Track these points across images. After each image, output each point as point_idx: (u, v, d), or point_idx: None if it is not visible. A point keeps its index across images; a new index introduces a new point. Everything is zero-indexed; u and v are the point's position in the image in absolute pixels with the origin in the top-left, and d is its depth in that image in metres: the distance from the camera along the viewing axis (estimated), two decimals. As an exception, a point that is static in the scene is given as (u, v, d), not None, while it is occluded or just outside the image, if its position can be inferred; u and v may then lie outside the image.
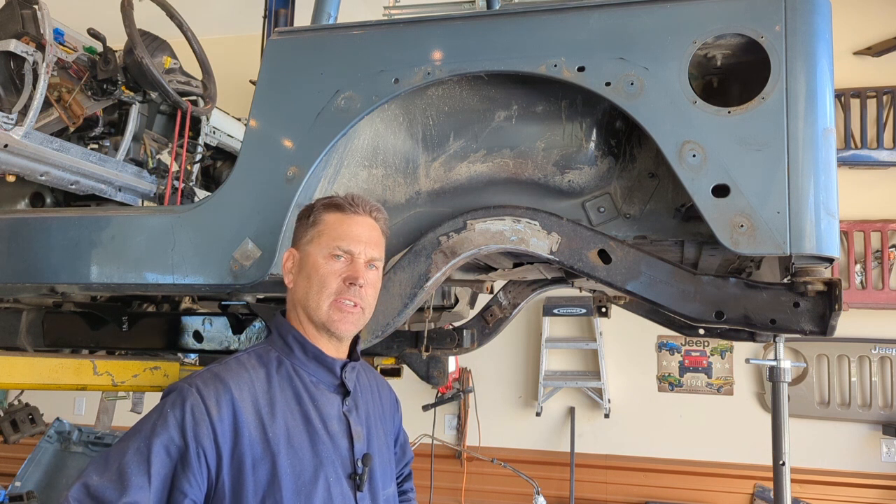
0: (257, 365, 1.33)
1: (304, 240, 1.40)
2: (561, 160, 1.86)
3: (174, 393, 1.23)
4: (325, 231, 1.38)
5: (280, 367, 1.34)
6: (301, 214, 1.45)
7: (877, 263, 4.60)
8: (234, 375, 1.27)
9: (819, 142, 1.50)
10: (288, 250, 1.43)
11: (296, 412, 1.30)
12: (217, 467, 1.19)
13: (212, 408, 1.20)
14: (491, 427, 5.15)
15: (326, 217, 1.40)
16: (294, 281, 1.40)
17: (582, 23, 1.64)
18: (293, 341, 1.37)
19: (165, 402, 1.23)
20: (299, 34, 1.89)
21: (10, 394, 3.70)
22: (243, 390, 1.25)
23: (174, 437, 1.17)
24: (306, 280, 1.37)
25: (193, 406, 1.20)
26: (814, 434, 4.63)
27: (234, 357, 1.34)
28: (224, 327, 2.45)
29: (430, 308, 2.37)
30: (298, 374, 1.35)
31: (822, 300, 1.58)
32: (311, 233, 1.39)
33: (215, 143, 2.90)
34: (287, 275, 1.41)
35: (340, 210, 1.40)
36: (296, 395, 1.32)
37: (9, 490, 3.64)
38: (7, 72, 2.07)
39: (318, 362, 1.37)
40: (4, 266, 2.02)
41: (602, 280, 1.70)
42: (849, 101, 4.67)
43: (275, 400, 1.29)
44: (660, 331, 4.21)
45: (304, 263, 1.38)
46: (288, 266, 1.41)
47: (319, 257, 1.36)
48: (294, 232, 1.45)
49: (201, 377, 1.26)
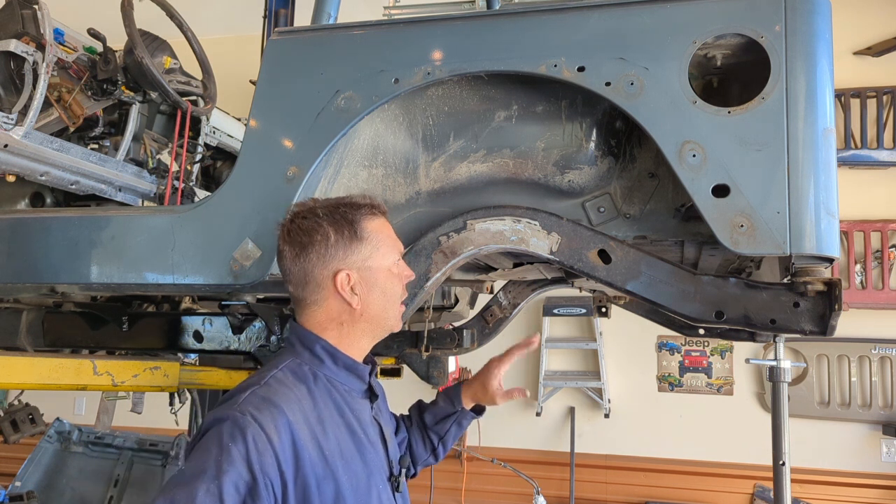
0: (296, 381, 1.27)
1: (360, 257, 1.34)
2: (561, 160, 1.86)
3: (228, 423, 1.14)
4: (381, 242, 1.37)
5: (316, 380, 1.30)
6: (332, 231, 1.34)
7: (877, 263, 4.60)
8: (282, 397, 1.21)
9: (819, 142, 1.50)
10: (341, 273, 1.33)
11: (341, 425, 1.28)
12: (283, 494, 1.14)
13: (272, 435, 1.14)
14: (491, 427, 5.15)
15: (371, 226, 1.37)
16: (365, 301, 1.34)
17: (582, 23, 1.64)
18: (322, 352, 1.33)
19: (222, 433, 1.13)
20: (299, 34, 1.89)
21: (10, 394, 3.70)
22: (295, 412, 1.20)
23: (242, 473, 1.10)
24: (381, 296, 1.36)
25: (255, 436, 1.12)
26: (814, 434, 4.63)
27: (269, 376, 1.26)
28: (224, 327, 2.45)
29: (430, 308, 2.37)
30: (334, 385, 1.32)
31: (822, 300, 1.58)
32: (364, 248, 1.34)
33: (215, 143, 2.90)
34: (352, 297, 1.34)
35: (377, 214, 1.39)
36: (337, 408, 1.30)
37: (9, 490, 3.65)
38: (7, 72, 2.07)
39: (348, 371, 1.35)
40: (4, 266, 2.02)
41: (602, 280, 1.70)
42: (849, 101, 4.68)
43: (322, 416, 1.25)
44: (660, 331, 4.21)
45: (373, 281, 1.35)
46: (348, 290, 1.33)
47: (391, 270, 1.37)
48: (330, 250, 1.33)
49: (251, 403, 1.18)
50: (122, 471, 3.98)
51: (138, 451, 4.03)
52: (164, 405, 3.18)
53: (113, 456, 4.05)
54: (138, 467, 4.01)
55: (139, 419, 4.17)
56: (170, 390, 2.79)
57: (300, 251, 1.34)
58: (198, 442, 1.16)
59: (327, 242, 1.33)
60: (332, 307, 1.35)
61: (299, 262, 1.34)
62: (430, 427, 1.71)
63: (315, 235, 1.33)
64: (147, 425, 4.63)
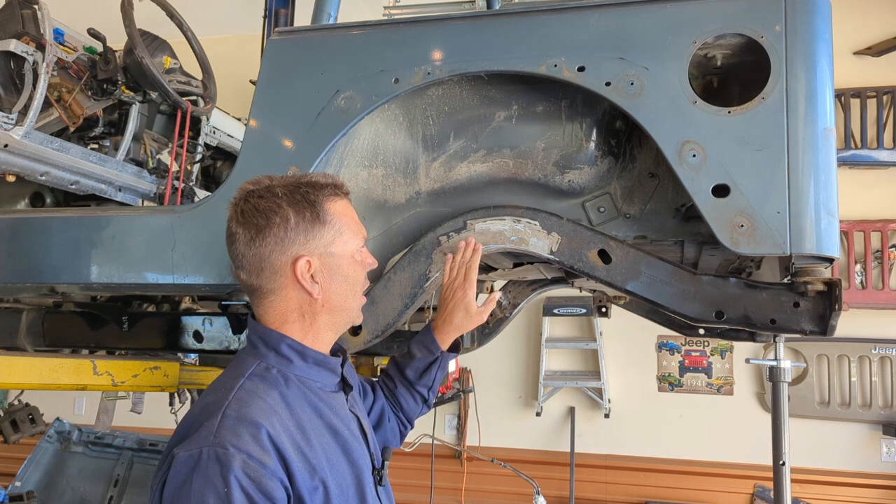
0: (267, 388, 1.16)
1: (322, 242, 1.24)
2: (561, 160, 1.86)
3: (212, 464, 1.02)
4: (344, 226, 1.27)
5: (288, 382, 1.20)
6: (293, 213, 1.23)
7: (877, 263, 4.60)
8: (257, 411, 1.11)
9: (819, 142, 1.50)
10: (301, 260, 1.23)
11: (321, 427, 1.20)
12: None
13: (262, 457, 1.05)
14: (491, 427, 5.16)
15: (334, 208, 1.26)
16: (326, 290, 1.25)
17: (582, 23, 1.64)
18: (289, 351, 1.23)
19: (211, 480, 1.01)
20: (299, 34, 1.89)
21: (10, 394, 3.70)
22: (274, 424, 1.10)
23: None
24: (344, 283, 1.26)
25: (246, 469, 1.03)
26: (814, 434, 4.63)
27: (237, 387, 1.15)
28: (224, 327, 2.45)
29: (430, 308, 2.36)
30: (305, 384, 1.23)
31: (822, 300, 1.58)
32: (327, 233, 1.25)
33: (215, 143, 2.90)
34: (313, 286, 1.24)
35: (340, 195, 1.29)
36: (315, 409, 1.21)
37: (9, 490, 3.64)
38: (7, 72, 2.07)
39: (320, 366, 1.26)
40: (4, 266, 2.02)
41: (602, 280, 1.70)
42: (849, 101, 4.67)
43: (301, 422, 1.16)
44: (660, 331, 4.21)
45: (335, 268, 1.26)
46: (308, 277, 1.23)
47: (353, 257, 1.27)
48: (289, 234, 1.23)
49: (227, 429, 1.06)
50: (122, 471, 3.98)
51: (138, 451, 4.03)
52: (164, 405, 3.18)
53: (113, 456, 4.05)
54: (138, 467, 4.01)
55: (139, 419, 4.16)
56: (170, 390, 2.79)
57: (255, 234, 1.22)
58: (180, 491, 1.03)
59: (287, 225, 1.22)
60: (290, 297, 1.24)
61: (254, 247, 1.22)
62: (415, 383, 1.63)
63: (273, 217, 1.21)
64: (147, 425, 4.63)
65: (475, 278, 1.63)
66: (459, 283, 1.63)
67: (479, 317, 1.63)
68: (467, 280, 1.63)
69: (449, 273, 1.66)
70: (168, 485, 1.05)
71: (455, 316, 1.62)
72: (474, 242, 1.68)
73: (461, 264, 1.65)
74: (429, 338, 1.63)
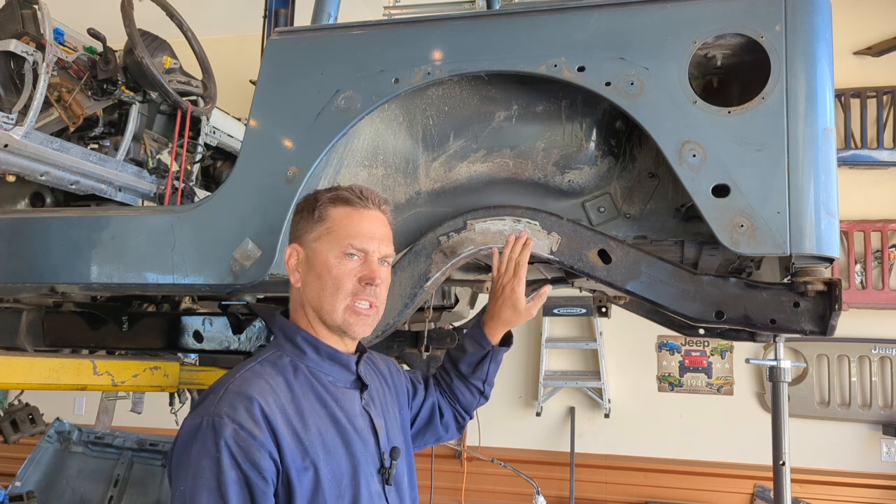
0: (274, 373, 1.25)
1: (310, 236, 1.32)
2: (561, 160, 1.86)
3: (209, 430, 1.13)
4: (334, 228, 1.31)
5: (297, 371, 1.27)
6: (302, 207, 1.37)
7: (877, 263, 4.60)
8: (255, 388, 1.19)
9: (819, 142, 1.50)
10: (290, 247, 1.35)
11: (323, 416, 1.25)
12: (277, 477, 1.15)
13: (252, 429, 1.13)
14: (491, 427, 5.15)
15: (334, 212, 1.32)
16: (302, 280, 1.32)
17: (582, 23, 1.64)
18: (304, 343, 1.30)
19: (206, 443, 1.12)
20: (299, 34, 1.89)
21: (10, 394, 3.70)
22: (269, 402, 1.18)
23: (238, 476, 1.11)
24: (317, 280, 1.30)
25: (236, 437, 1.12)
26: (814, 434, 4.63)
27: (246, 369, 1.25)
28: (224, 327, 2.45)
29: (430, 308, 2.37)
30: (316, 376, 1.29)
31: (822, 300, 1.58)
32: (318, 229, 1.32)
33: (215, 143, 2.90)
34: (292, 273, 1.34)
35: (349, 204, 1.32)
36: (319, 399, 1.26)
37: (9, 490, 3.64)
38: (7, 72, 2.07)
39: (333, 361, 1.32)
40: (4, 266, 2.02)
41: (602, 280, 1.70)
42: (849, 101, 4.67)
43: (301, 408, 1.22)
44: (660, 331, 4.21)
45: (312, 262, 1.31)
46: (292, 264, 1.34)
47: (331, 256, 1.29)
48: (293, 225, 1.38)
49: (224, 400, 1.16)
50: (122, 471, 3.98)
51: (138, 451, 4.03)
52: (164, 405, 3.18)
53: (113, 456, 4.05)
54: (138, 467, 4.01)
55: (139, 419, 4.16)
56: (170, 390, 2.79)
57: None
58: (183, 454, 1.14)
59: (297, 218, 1.37)
60: (293, 289, 1.36)
61: None
62: (469, 376, 1.65)
63: (296, 212, 1.39)
64: (147, 425, 4.63)
65: (524, 274, 1.62)
66: (508, 279, 1.62)
67: (527, 313, 1.61)
68: (516, 276, 1.61)
69: (498, 268, 1.65)
70: (174, 448, 1.18)
71: (503, 312, 1.61)
72: (526, 237, 1.67)
73: (510, 259, 1.64)
74: (479, 332, 1.64)
